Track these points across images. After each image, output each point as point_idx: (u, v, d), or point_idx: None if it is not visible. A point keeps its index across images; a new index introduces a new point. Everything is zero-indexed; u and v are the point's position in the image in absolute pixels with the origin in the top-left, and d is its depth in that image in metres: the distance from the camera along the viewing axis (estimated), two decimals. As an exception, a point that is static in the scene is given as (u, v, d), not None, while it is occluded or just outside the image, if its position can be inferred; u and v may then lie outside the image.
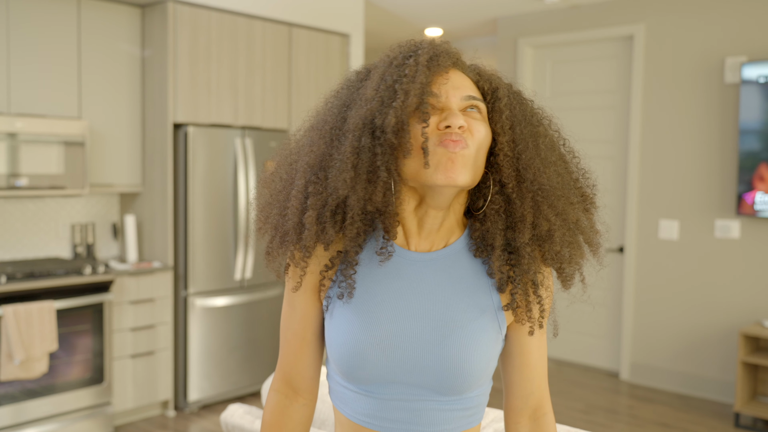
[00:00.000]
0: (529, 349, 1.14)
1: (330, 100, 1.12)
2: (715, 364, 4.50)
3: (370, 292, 1.10)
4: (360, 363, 1.07)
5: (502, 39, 5.43)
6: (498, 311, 1.10)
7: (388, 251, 1.09)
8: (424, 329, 1.07)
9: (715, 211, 4.46)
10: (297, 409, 1.21)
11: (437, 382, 1.07)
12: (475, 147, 1.05)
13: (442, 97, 1.06)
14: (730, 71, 4.35)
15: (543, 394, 1.16)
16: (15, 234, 3.90)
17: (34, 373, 3.38)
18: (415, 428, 1.09)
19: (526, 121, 1.11)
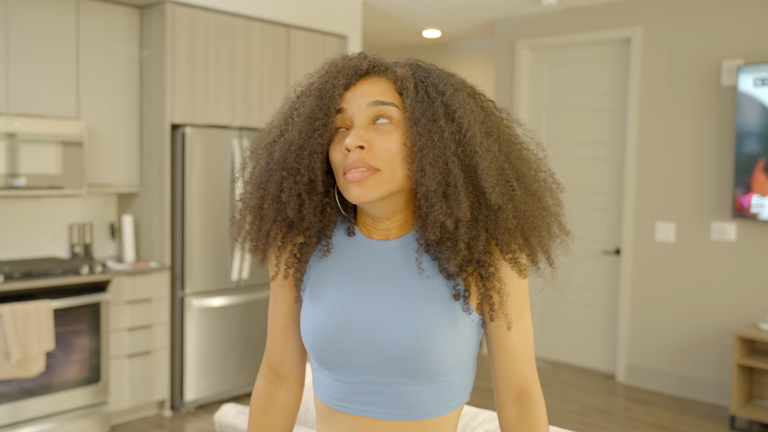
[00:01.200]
0: (507, 334, 1.14)
1: (275, 116, 1.18)
2: (711, 366, 4.51)
3: (334, 279, 1.15)
4: (326, 347, 1.12)
5: (499, 41, 5.45)
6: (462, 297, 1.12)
7: (330, 245, 1.17)
8: (384, 313, 1.10)
9: (711, 213, 4.47)
10: (282, 395, 1.27)
11: (400, 365, 1.09)
12: (383, 161, 1.06)
13: (347, 112, 1.08)
14: (726, 74, 4.36)
15: (527, 378, 1.16)
16: (13, 234, 3.91)
17: (31, 372, 3.39)
18: (385, 411, 1.12)
19: (430, 114, 1.06)
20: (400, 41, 6.43)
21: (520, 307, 1.15)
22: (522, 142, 1.13)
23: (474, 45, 6.34)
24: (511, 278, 1.12)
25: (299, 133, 1.08)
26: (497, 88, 5.48)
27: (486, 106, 1.12)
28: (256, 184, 1.14)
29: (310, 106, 1.08)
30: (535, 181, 1.12)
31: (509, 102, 5.40)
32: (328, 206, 1.16)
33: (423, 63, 1.13)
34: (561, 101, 5.22)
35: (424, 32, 5.98)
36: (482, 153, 1.04)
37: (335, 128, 1.09)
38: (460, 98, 1.07)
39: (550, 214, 1.14)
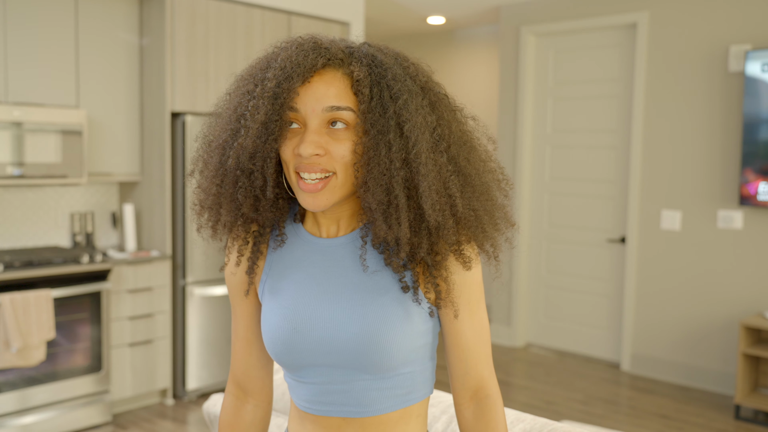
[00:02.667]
0: (459, 329, 1.14)
1: (225, 104, 1.15)
2: (716, 355, 4.47)
3: (287, 280, 1.15)
4: (284, 350, 1.12)
5: (504, 27, 5.39)
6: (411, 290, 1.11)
7: (285, 236, 1.17)
8: (336, 311, 1.10)
9: (717, 201, 4.42)
10: (249, 411, 1.27)
11: (356, 361, 1.09)
12: (338, 166, 1.04)
13: (301, 112, 1.04)
14: (734, 59, 4.29)
15: (483, 376, 1.15)
16: (14, 223, 3.91)
17: (32, 361, 3.40)
18: (351, 410, 1.12)
19: (381, 125, 1.03)
20: (404, 28, 6.37)
21: (473, 302, 1.14)
22: (473, 140, 1.11)
23: (479, 32, 6.28)
24: (456, 268, 1.11)
25: (254, 140, 1.05)
26: (502, 75, 5.43)
27: (439, 102, 1.08)
28: (211, 181, 1.12)
29: (264, 110, 1.04)
30: (484, 179, 1.11)
31: (514, 89, 5.34)
32: (280, 198, 1.15)
33: (379, 54, 1.06)
34: (566, 88, 5.16)
35: (428, 19, 5.92)
36: (425, 172, 1.02)
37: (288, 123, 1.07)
38: (412, 108, 1.03)
39: (497, 210, 1.13)
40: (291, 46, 1.06)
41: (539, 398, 4.32)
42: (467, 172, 1.08)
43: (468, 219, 1.08)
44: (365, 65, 1.04)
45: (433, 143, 1.05)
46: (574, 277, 5.20)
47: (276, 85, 1.03)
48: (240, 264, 1.20)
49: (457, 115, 1.10)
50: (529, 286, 5.46)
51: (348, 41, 1.12)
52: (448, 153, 1.07)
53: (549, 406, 4.19)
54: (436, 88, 1.09)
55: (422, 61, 1.12)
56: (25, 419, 3.46)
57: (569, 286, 5.23)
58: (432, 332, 1.14)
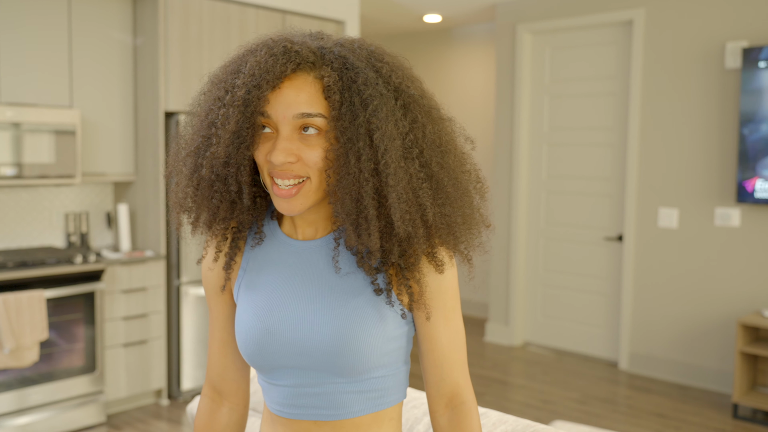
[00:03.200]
0: (434, 334, 1.13)
1: (197, 108, 1.13)
2: (714, 354, 4.44)
3: (262, 281, 1.14)
4: (257, 351, 1.11)
5: (500, 25, 5.37)
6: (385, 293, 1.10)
7: (263, 234, 1.16)
8: (309, 313, 1.09)
9: (715, 198, 4.39)
10: (224, 414, 1.26)
11: (327, 364, 1.08)
12: (312, 171, 1.03)
13: (272, 117, 1.03)
14: (730, 56, 4.27)
15: (458, 382, 1.14)
16: (9, 223, 3.90)
17: (25, 362, 3.39)
18: (323, 413, 1.11)
19: (351, 133, 1.00)
20: (400, 26, 6.36)
21: (448, 309, 1.13)
22: (448, 142, 1.08)
23: (475, 30, 6.26)
24: (429, 270, 1.10)
25: (225, 148, 1.04)
26: (498, 73, 5.41)
27: (413, 104, 1.05)
28: (186, 185, 1.11)
29: (235, 119, 1.02)
30: (459, 182, 1.09)
31: (510, 87, 5.32)
32: (258, 196, 1.14)
33: (351, 56, 1.03)
34: (563, 86, 5.14)
35: (424, 17, 5.90)
36: (394, 182, 1.00)
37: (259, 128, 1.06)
38: (382, 114, 1.00)
39: (472, 214, 1.11)
40: (260, 49, 1.04)
41: (536, 397, 4.30)
42: (440, 178, 1.05)
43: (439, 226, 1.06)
44: (335, 69, 1.02)
45: (405, 150, 1.02)
46: (571, 276, 5.18)
47: (246, 92, 1.01)
48: (217, 260, 1.19)
49: (432, 115, 1.07)
50: (527, 284, 5.44)
51: (323, 38, 1.08)
52: (421, 158, 1.04)
53: (545, 405, 4.17)
54: (411, 88, 1.05)
55: (399, 57, 1.09)
56: (19, 420, 3.45)
57: (567, 285, 5.21)
58: (406, 336, 1.14)
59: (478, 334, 5.80)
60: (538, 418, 3.94)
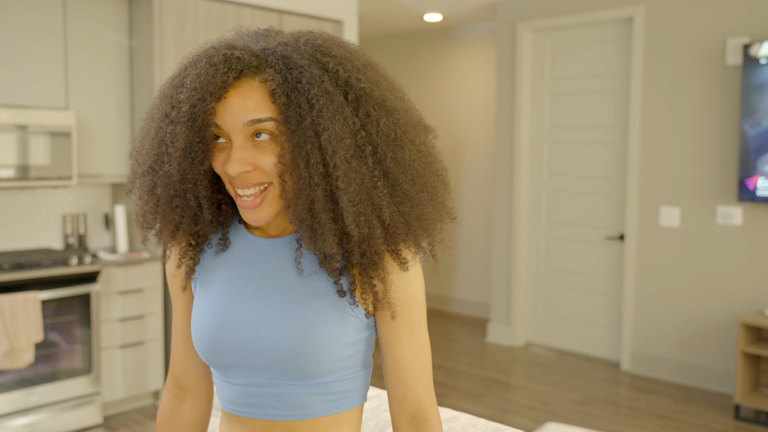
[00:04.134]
0: (398, 349, 1.10)
1: (147, 125, 1.10)
2: (716, 354, 4.39)
3: (220, 277, 1.12)
4: (211, 348, 1.09)
5: (500, 23, 5.33)
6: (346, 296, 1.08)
7: (228, 241, 1.14)
8: (266, 312, 1.07)
9: (716, 197, 4.34)
10: (187, 409, 1.25)
11: (283, 365, 1.05)
12: (272, 175, 1.01)
13: (222, 128, 1.00)
14: (731, 52, 4.22)
15: (422, 399, 1.11)
16: (6, 225, 3.91)
17: (20, 363, 3.39)
18: (275, 413, 1.09)
19: (298, 137, 0.98)
20: (400, 26, 6.33)
21: (414, 323, 1.10)
22: (405, 134, 1.03)
23: (476, 29, 6.22)
24: (394, 267, 1.07)
25: (178, 166, 1.02)
26: (499, 71, 5.37)
27: (365, 97, 1.00)
28: (147, 202, 1.09)
29: (184, 136, 1.00)
30: (419, 176, 1.04)
31: (511, 86, 5.29)
32: (223, 203, 1.12)
33: (295, 55, 0.99)
34: (563, 84, 5.10)
35: (424, 16, 5.88)
36: (344, 186, 0.97)
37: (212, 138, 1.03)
38: (328, 114, 0.96)
39: (434, 208, 1.07)
40: (201, 60, 1.00)
41: (535, 398, 4.26)
42: (396, 175, 1.01)
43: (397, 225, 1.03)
44: (279, 71, 0.98)
45: (356, 149, 0.99)
46: (573, 275, 5.14)
47: (190, 107, 0.98)
48: (181, 266, 1.17)
49: (387, 106, 1.02)
50: (528, 284, 5.40)
51: (269, 37, 1.05)
52: (374, 156, 1.00)
53: (544, 406, 4.13)
54: (362, 81, 1.00)
55: (351, 48, 1.04)
56: (16, 421, 3.45)
57: (568, 285, 5.17)
58: (366, 341, 1.11)
59: (479, 334, 5.77)
60: (536, 419, 3.91)
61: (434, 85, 6.58)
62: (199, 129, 0.99)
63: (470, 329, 5.96)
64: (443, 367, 4.88)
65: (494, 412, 4.02)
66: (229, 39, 1.06)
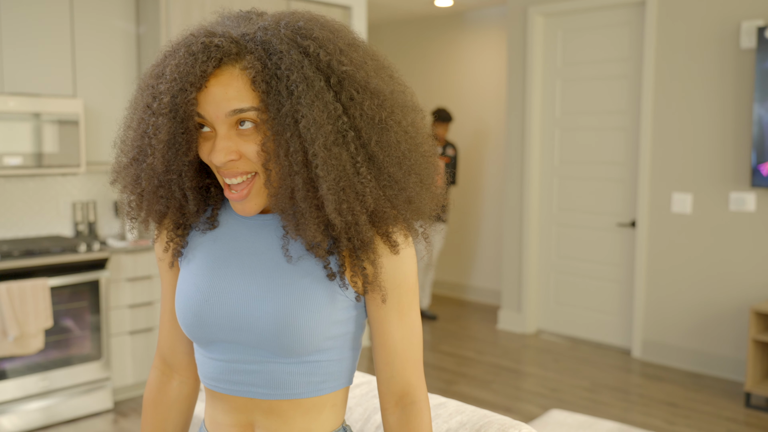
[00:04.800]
0: (387, 330, 1.09)
1: (130, 117, 1.09)
2: (728, 341, 4.34)
3: (207, 250, 1.11)
4: (194, 321, 1.08)
5: (512, 8, 5.27)
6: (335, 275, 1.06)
7: (217, 222, 1.13)
8: (252, 287, 1.06)
9: (729, 183, 4.28)
10: (174, 387, 1.24)
11: (266, 341, 1.04)
12: (257, 164, 0.99)
13: (205, 117, 0.99)
14: (746, 36, 4.14)
15: (410, 381, 1.10)
16: (16, 213, 3.95)
17: (30, 349, 3.43)
18: (257, 390, 1.08)
19: (277, 124, 0.96)
20: (411, 11, 6.28)
21: (404, 303, 1.08)
22: (391, 116, 1.01)
23: (487, 14, 6.16)
24: (384, 251, 1.05)
25: (162, 158, 1.01)
26: (510, 57, 5.32)
27: (348, 80, 0.98)
28: (131, 195, 1.09)
29: (166, 129, 0.98)
30: (406, 159, 1.02)
31: (522, 71, 5.23)
32: (212, 186, 1.11)
33: (274, 39, 0.97)
34: (575, 69, 5.04)
35: (435, 1, 5.82)
36: (324, 174, 0.95)
37: (197, 127, 1.02)
38: (307, 100, 0.94)
39: (423, 190, 1.06)
40: (179, 49, 0.99)
41: (545, 386, 4.24)
42: (381, 158, 0.99)
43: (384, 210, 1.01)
44: (259, 58, 0.96)
45: (336, 136, 0.96)
46: (584, 262, 5.10)
47: (171, 98, 0.97)
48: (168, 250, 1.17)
49: (371, 87, 0.99)
50: (539, 271, 5.37)
51: (250, 20, 1.02)
52: (358, 140, 0.98)
53: (553, 393, 4.11)
54: (344, 63, 0.98)
55: (334, 28, 1.01)
56: (27, 406, 3.50)
57: (580, 272, 5.13)
58: (355, 321, 1.09)
59: (491, 321, 5.75)
60: (544, 407, 3.89)
61: (445, 71, 6.53)
62: (181, 120, 0.98)
63: (481, 316, 5.95)
64: (453, 354, 4.87)
65: (502, 399, 4.02)
66: (209, 25, 1.04)
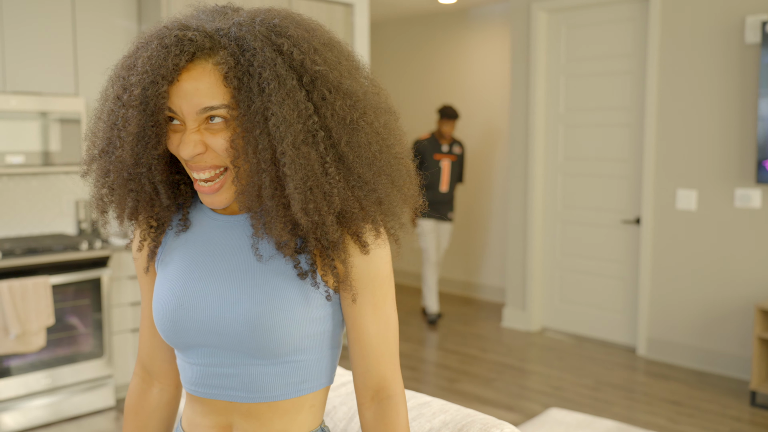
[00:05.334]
0: (362, 324, 1.08)
1: (100, 108, 1.08)
2: (733, 339, 4.30)
3: (181, 254, 1.11)
4: (170, 327, 1.08)
5: (515, 4, 5.24)
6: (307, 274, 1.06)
7: (188, 221, 1.12)
8: (225, 290, 1.05)
9: (734, 179, 4.24)
10: (154, 394, 1.24)
11: (241, 344, 1.04)
12: (227, 158, 0.99)
13: (176, 111, 0.98)
14: (750, 30, 4.10)
15: (386, 375, 1.09)
16: (20, 211, 3.97)
17: (32, 347, 3.45)
18: (235, 394, 1.08)
19: (247, 121, 0.95)
20: (414, 8, 6.26)
21: (378, 297, 1.07)
22: (363, 117, 1.00)
23: (491, 10, 6.13)
24: (355, 251, 1.04)
25: (131, 151, 1.00)
26: (513, 53, 5.29)
27: (321, 80, 0.97)
28: (102, 186, 1.08)
29: (136, 121, 0.98)
30: (377, 160, 1.01)
31: (526, 68, 5.21)
32: (182, 183, 1.10)
33: (248, 36, 0.97)
34: (579, 65, 5.01)
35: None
36: (291, 172, 0.94)
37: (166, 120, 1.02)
38: (278, 98, 0.94)
39: (398, 191, 1.05)
40: (152, 41, 0.98)
41: (548, 384, 4.22)
42: (351, 159, 0.99)
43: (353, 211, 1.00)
44: (232, 54, 0.96)
45: (306, 135, 0.96)
46: (588, 260, 5.07)
47: (142, 90, 0.96)
48: (142, 249, 1.16)
49: (343, 87, 0.99)
50: (544, 269, 5.35)
51: (226, 15, 1.02)
52: (328, 140, 0.98)
53: (556, 391, 4.09)
54: (318, 63, 0.97)
55: (309, 27, 1.01)
56: (30, 403, 3.52)
57: (584, 269, 5.10)
58: (332, 319, 1.08)
59: (495, 319, 5.73)
60: (546, 405, 3.87)
61: (450, 68, 6.51)
62: (151, 113, 0.97)
63: (486, 314, 5.93)
64: (456, 352, 4.86)
65: (504, 397, 4.00)
66: (184, 18, 1.03)
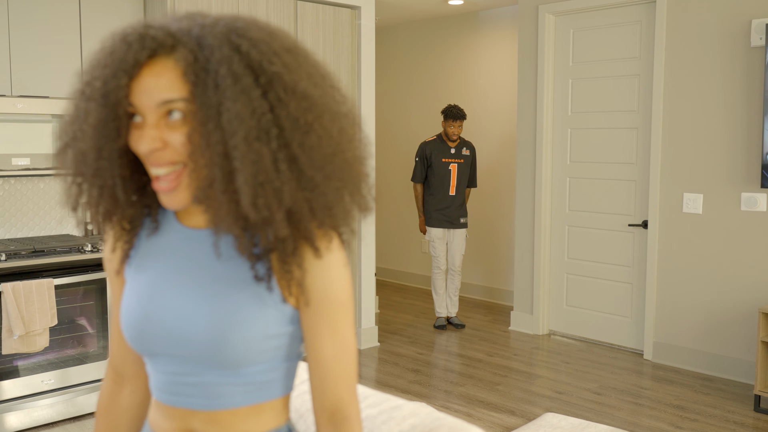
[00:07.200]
0: (319, 346, 1.09)
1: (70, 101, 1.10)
2: (740, 343, 4.26)
3: (149, 266, 1.13)
4: (136, 335, 1.10)
5: (523, 7, 5.23)
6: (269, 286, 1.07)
7: (158, 222, 1.14)
8: (187, 302, 1.07)
9: (740, 183, 4.19)
10: (125, 396, 1.26)
11: (203, 355, 1.06)
12: (185, 155, 0.99)
13: (136, 105, 1.00)
14: (756, 33, 4.06)
15: (342, 397, 1.10)
16: (27, 213, 4.03)
17: (35, 347, 3.49)
18: (198, 402, 1.10)
19: (203, 116, 0.97)
20: (422, 10, 6.27)
21: (336, 319, 1.08)
22: (318, 120, 1.01)
23: (499, 13, 6.12)
24: (308, 254, 1.06)
25: (91, 143, 1.02)
26: (521, 56, 5.28)
27: (277, 81, 0.99)
28: (71, 184, 1.09)
29: (96, 113, 1.00)
30: (327, 163, 1.02)
31: (533, 71, 5.19)
32: (147, 184, 1.12)
33: (208, 35, 0.99)
34: (586, 68, 4.99)
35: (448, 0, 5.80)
36: (241, 166, 0.96)
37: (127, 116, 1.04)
38: (232, 94, 0.96)
39: (350, 196, 1.05)
40: (116, 38, 1.01)
41: (552, 388, 4.20)
42: (303, 160, 1.00)
43: (303, 212, 1.01)
44: (191, 50, 0.98)
45: (259, 132, 0.97)
46: (595, 264, 5.04)
47: (102, 84, 0.99)
48: (115, 251, 1.18)
49: (299, 90, 1.00)
50: (551, 272, 5.32)
51: (193, 19, 1.03)
52: (281, 139, 0.99)
53: (559, 396, 4.07)
54: (275, 65, 0.99)
55: (271, 30, 1.03)
56: (35, 404, 3.56)
57: (591, 273, 5.07)
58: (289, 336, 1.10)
59: (503, 323, 5.71)
60: (547, 409, 3.86)
61: (459, 71, 6.51)
62: (112, 106, 0.99)
63: (494, 317, 5.91)
64: (462, 356, 4.85)
65: (506, 401, 3.99)
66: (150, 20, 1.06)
